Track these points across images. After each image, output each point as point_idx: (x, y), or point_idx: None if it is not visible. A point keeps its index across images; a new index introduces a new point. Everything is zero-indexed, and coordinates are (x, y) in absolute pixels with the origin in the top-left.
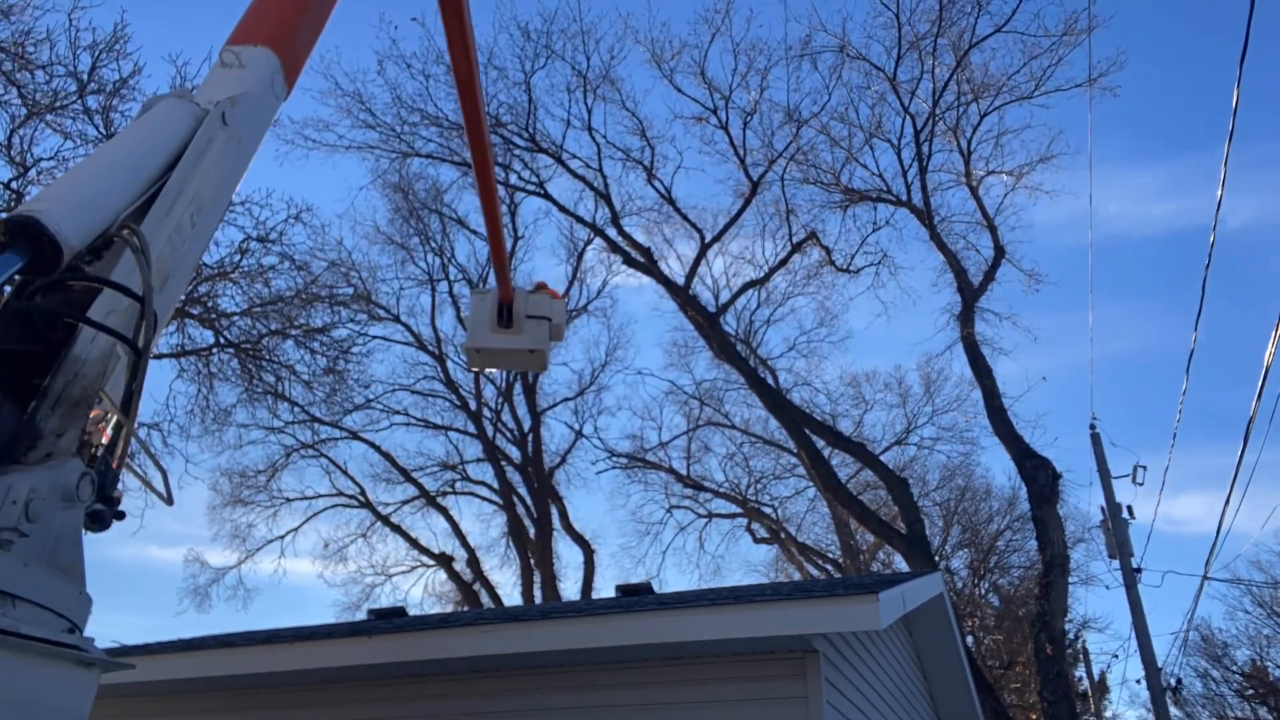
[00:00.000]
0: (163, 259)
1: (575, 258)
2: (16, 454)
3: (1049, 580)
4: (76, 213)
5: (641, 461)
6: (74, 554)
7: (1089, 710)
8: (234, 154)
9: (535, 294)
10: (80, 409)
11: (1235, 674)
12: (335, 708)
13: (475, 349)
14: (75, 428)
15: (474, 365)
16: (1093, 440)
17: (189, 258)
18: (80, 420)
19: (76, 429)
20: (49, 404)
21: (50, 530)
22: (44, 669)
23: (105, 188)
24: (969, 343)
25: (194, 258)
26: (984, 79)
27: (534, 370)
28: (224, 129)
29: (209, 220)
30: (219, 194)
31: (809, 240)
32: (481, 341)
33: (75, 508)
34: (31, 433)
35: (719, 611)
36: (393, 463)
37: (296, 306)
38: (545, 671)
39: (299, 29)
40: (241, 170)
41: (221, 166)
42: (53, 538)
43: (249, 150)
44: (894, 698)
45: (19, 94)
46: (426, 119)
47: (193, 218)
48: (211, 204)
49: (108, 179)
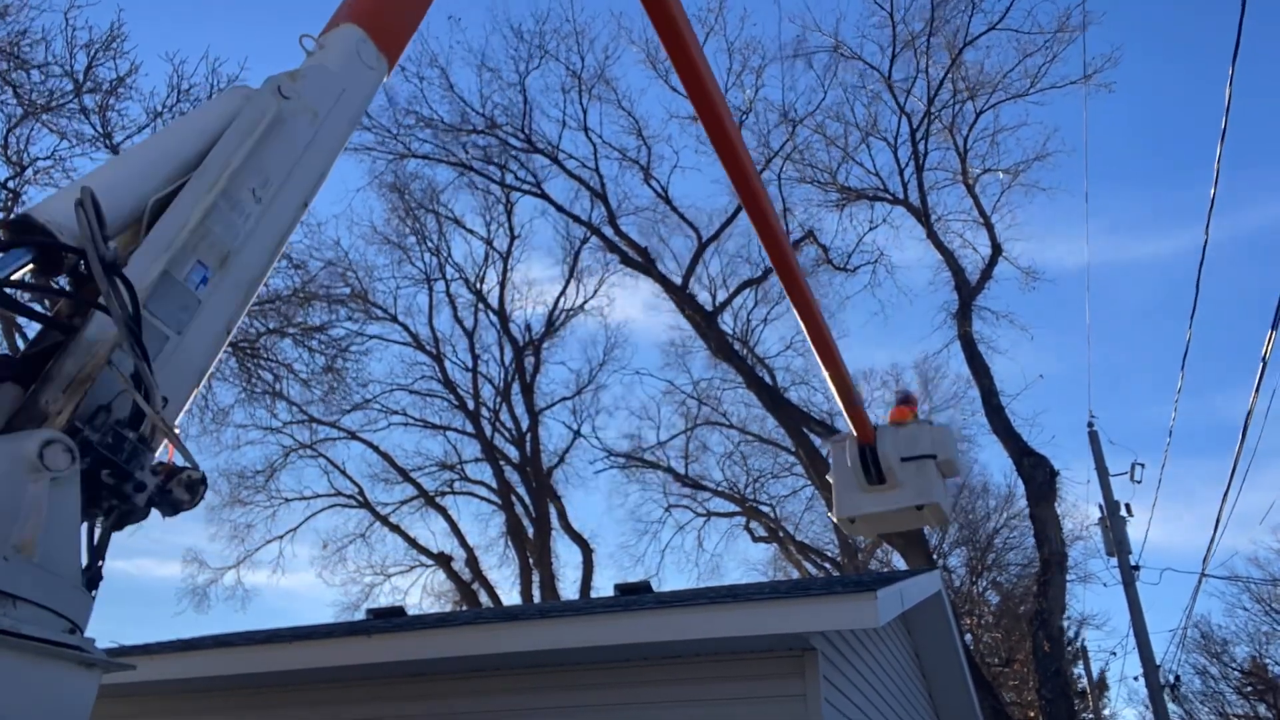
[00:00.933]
0: (213, 235)
1: (572, 257)
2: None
3: (1047, 578)
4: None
5: (639, 461)
6: (31, 529)
7: (1087, 708)
8: (307, 126)
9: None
10: (82, 387)
11: (1234, 671)
12: (335, 707)
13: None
14: (73, 405)
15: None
16: (1090, 438)
17: (260, 235)
18: (78, 397)
19: (73, 406)
20: (58, 386)
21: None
22: (45, 669)
23: (128, 174)
24: (966, 341)
25: (270, 236)
26: (979, 77)
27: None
28: (281, 102)
29: (287, 198)
30: (296, 169)
31: (806, 239)
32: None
33: (42, 477)
34: (35, 414)
35: (718, 610)
36: (391, 463)
37: (294, 305)
38: (544, 671)
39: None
40: (328, 145)
41: (291, 140)
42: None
43: (335, 124)
44: (893, 696)
45: (15, 94)
46: (421, 121)
47: (255, 193)
48: (285, 180)
49: (134, 164)
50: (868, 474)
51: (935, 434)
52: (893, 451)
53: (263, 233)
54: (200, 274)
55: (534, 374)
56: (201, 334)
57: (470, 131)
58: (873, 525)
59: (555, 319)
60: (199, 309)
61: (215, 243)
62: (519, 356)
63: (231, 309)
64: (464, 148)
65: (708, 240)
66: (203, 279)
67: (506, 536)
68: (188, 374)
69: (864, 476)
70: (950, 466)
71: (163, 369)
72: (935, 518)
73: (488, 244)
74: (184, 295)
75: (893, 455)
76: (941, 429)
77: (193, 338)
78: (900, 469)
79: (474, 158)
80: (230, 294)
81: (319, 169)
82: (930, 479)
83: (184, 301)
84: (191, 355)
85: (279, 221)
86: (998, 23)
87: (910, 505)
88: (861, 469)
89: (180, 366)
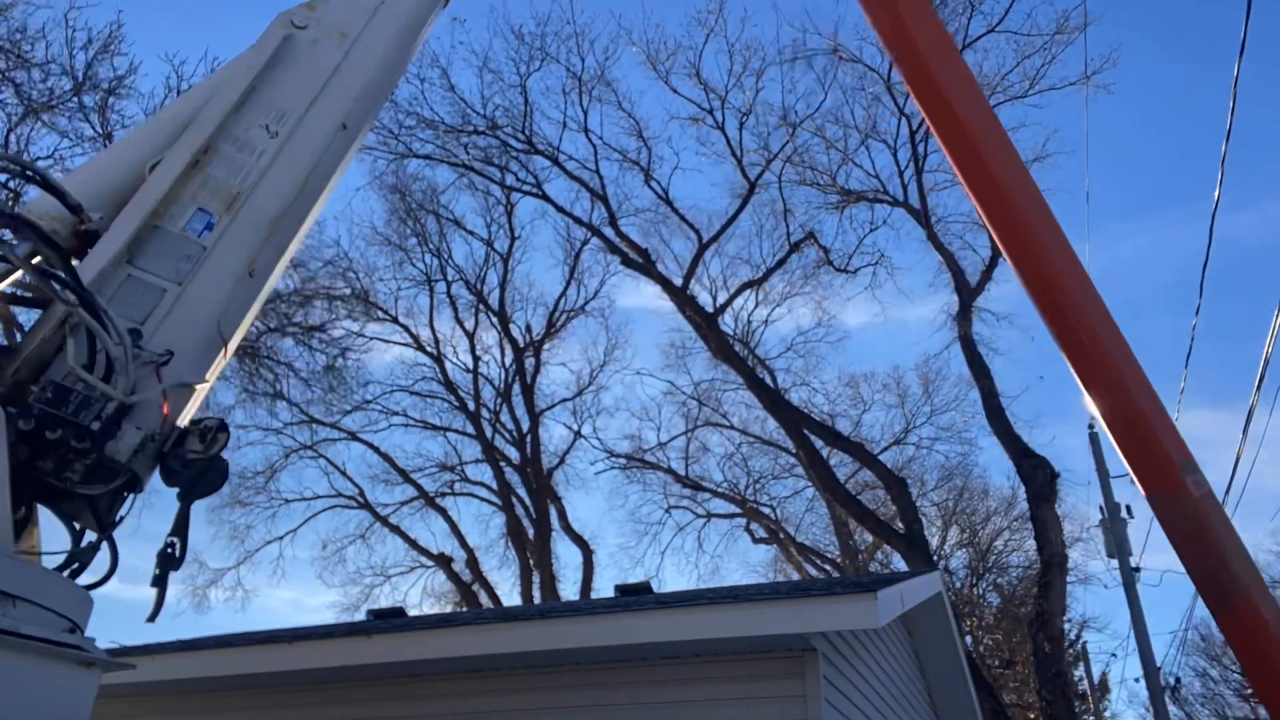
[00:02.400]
0: (214, 180)
1: (572, 258)
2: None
3: (1047, 579)
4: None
5: (640, 462)
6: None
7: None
8: (334, 49)
9: None
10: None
11: (1234, 674)
12: (335, 708)
13: None
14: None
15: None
16: (1091, 440)
17: (281, 168)
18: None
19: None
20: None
21: None
22: (45, 669)
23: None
24: (967, 342)
25: (295, 166)
26: (978, 79)
27: None
28: (295, 33)
29: (315, 123)
30: (323, 94)
31: (806, 240)
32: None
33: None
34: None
35: (718, 610)
36: (391, 464)
37: (294, 304)
38: (544, 671)
39: None
40: (367, 61)
41: (309, 67)
42: None
43: (374, 38)
44: (893, 696)
45: (15, 92)
46: (423, 121)
47: (269, 128)
48: (308, 107)
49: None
50: None
51: None
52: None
53: (284, 165)
54: (204, 221)
55: (534, 375)
56: (215, 279)
57: (471, 132)
58: None
59: (556, 320)
60: (205, 255)
61: (218, 187)
62: (519, 357)
63: (252, 248)
64: (465, 149)
65: (708, 241)
66: (207, 225)
67: (507, 537)
68: (201, 323)
69: None
70: None
71: (163, 322)
72: None
73: (488, 245)
74: (183, 245)
75: None
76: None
77: (201, 284)
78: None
79: (475, 159)
80: (248, 234)
81: (357, 87)
82: None
83: (185, 251)
84: (203, 302)
85: (305, 150)
86: (997, 24)
87: None
88: None
89: (188, 315)
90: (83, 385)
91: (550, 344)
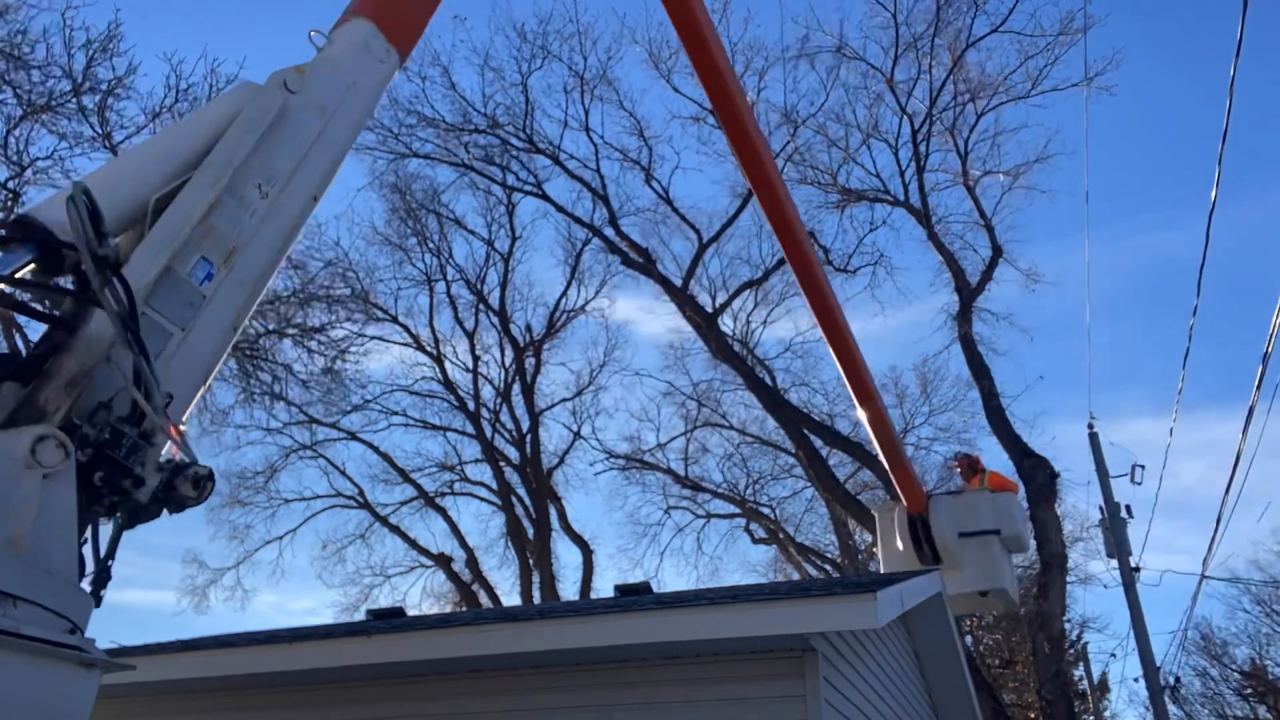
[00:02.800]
0: (218, 230)
1: (573, 258)
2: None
3: (1047, 580)
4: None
5: (639, 462)
6: (22, 524)
7: (1088, 709)
8: (314, 120)
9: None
10: (79, 383)
11: (1234, 673)
12: (334, 708)
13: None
14: (70, 400)
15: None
16: (1091, 440)
17: (267, 230)
18: (75, 393)
19: (70, 401)
20: (57, 383)
21: (3, 498)
22: (45, 669)
23: (130, 172)
24: (967, 342)
25: (277, 231)
26: (981, 79)
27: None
28: (288, 96)
29: (295, 193)
30: (303, 165)
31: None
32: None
33: (35, 473)
34: (34, 412)
35: (718, 610)
36: (391, 464)
37: (294, 306)
38: (544, 671)
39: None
40: (337, 139)
41: (297, 135)
42: (3, 505)
43: (344, 118)
44: (893, 697)
45: (14, 94)
46: (423, 120)
47: (261, 189)
48: (291, 175)
49: (136, 163)
50: (920, 552)
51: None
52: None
53: (269, 228)
54: (205, 270)
55: (534, 375)
56: (208, 330)
57: (472, 131)
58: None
59: (556, 320)
60: (204, 305)
61: (220, 238)
62: (519, 357)
63: (239, 305)
64: (465, 148)
65: (708, 241)
66: (208, 275)
67: (506, 537)
68: (194, 371)
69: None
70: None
71: (167, 366)
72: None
73: (489, 245)
74: (188, 291)
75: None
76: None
77: (198, 334)
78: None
79: (475, 158)
80: (237, 290)
81: (327, 163)
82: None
83: (189, 298)
84: (198, 352)
85: (286, 216)
86: (1000, 24)
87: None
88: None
89: (186, 363)
90: (134, 431)
91: (550, 344)
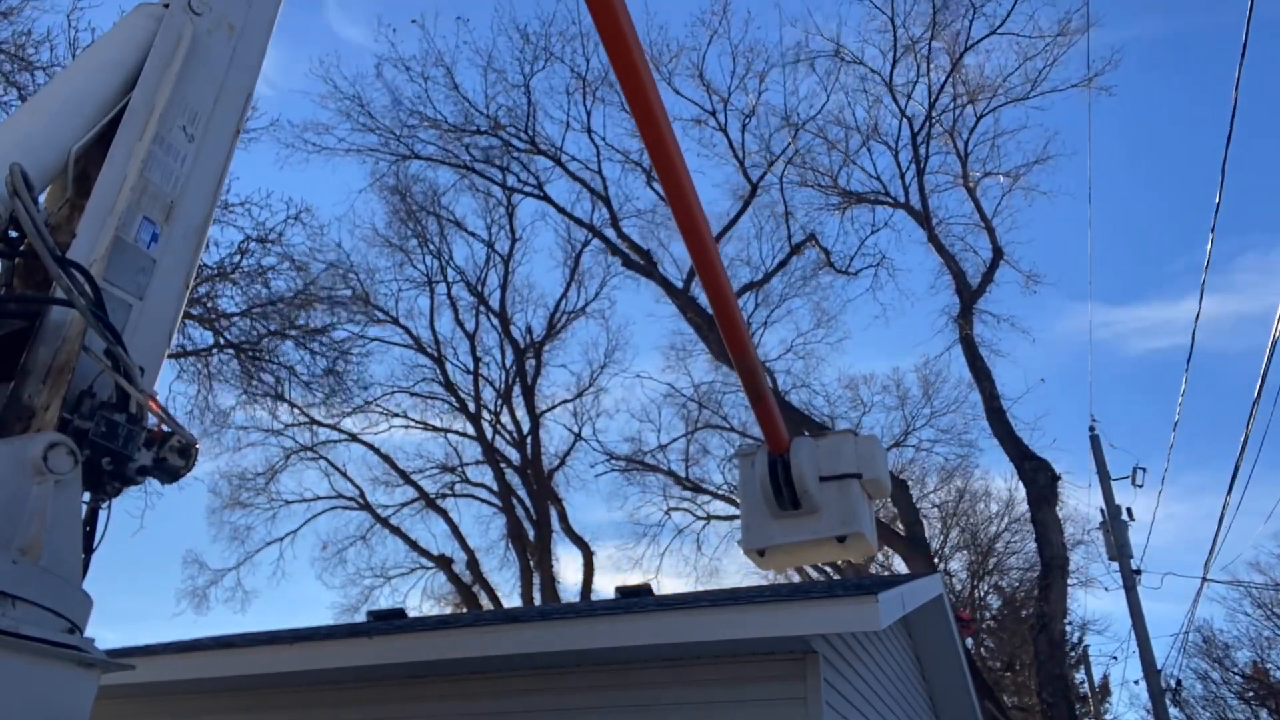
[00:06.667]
0: (153, 186)
1: (573, 259)
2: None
3: (1048, 582)
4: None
5: (640, 464)
6: (36, 532)
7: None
8: (225, 42)
9: (825, 436)
10: (63, 376)
11: (1236, 676)
12: (335, 709)
13: (758, 551)
14: (59, 397)
15: (766, 569)
16: (1092, 442)
17: (199, 175)
18: (63, 388)
19: (59, 398)
20: (36, 377)
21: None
22: (44, 669)
23: (43, 124)
24: (968, 344)
25: (209, 174)
26: (979, 81)
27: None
28: (194, 19)
29: (218, 128)
30: (222, 94)
31: (807, 242)
32: (763, 538)
33: (46, 480)
34: (21, 410)
35: (718, 612)
36: (392, 465)
37: (296, 307)
38: (544, 673)
39: None
40: (250, 60)
41: (211, 61)
42: (16, 513)
43: (253, 36)
44: (893, 699)
45: (19, 95)
46: (426, 121)
47: (186, 130)
48: (213, 109)
49: (48, 112)
50: (779, 496)
51: (861, 446)
52: (809, 468)
53: (201, 172)
54: (149, 231)
55: (535, 376)
56: (163, 294)
57: (474, 132)
58: (785, 558)
59: (556, 321)
60: (155, 268)
61: (156, 194)
62: (520, 359)
63: (187, 260)
64: (466, 149)
65: None
66: (153, 236)
67: (507, 539)
68: (156, 338)
69: (774, 499)
70: (877, 487)
71: (132, 338)
72: (859, 549)
73: (489, 246)
74: (138, 257)
75: (809, 473)
76: (868, 440)
77: (155, 300)
78: (818, 491)
79: (476, 159)
80: (182, 245)
81: (244, 88)
82: (854, 503)
83: (140, 264)
84: (157, 317)
85: (215, 156)
86: (999, 26)
87: (830, 536)
88: (772, 490)
89: (148, 331)
90: (124, 418)
91: (551, 345)
